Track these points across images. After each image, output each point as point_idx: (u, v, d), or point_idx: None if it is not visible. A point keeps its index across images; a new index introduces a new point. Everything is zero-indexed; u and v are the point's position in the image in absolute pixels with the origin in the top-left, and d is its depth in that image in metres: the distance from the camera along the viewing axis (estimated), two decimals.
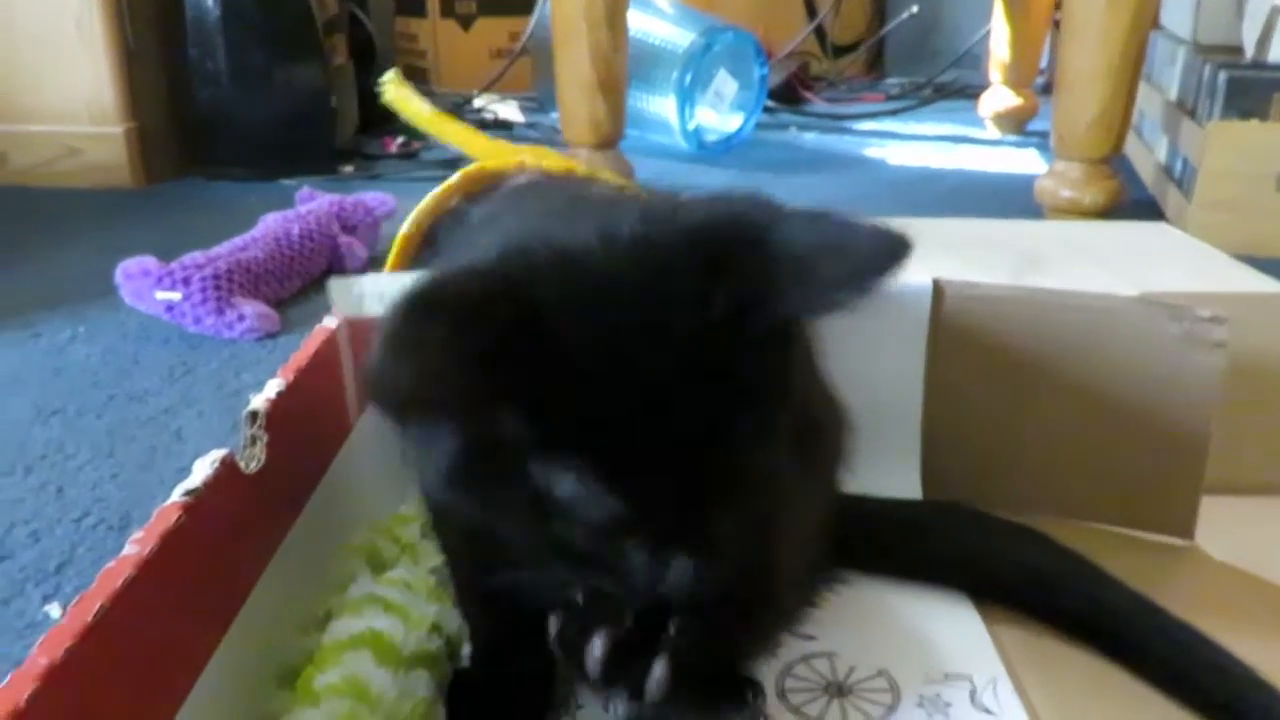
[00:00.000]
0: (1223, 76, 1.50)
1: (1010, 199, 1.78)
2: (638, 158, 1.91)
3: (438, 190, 0.60)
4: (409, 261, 0.82)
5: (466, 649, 0.63)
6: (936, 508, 0.80)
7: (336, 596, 0.62)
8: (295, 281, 1.34)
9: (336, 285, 0.71)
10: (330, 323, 0.71)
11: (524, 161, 0.49)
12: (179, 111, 2.04)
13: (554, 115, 2.05)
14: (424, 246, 0.73)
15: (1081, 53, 1.55)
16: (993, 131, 2.45)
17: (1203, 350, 0.76)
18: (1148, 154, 1.91)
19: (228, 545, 0.52)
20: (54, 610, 0.73)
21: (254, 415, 0.56)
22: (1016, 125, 2.41)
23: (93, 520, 0.84)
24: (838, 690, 0.65)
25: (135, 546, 0.44)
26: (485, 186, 0.76)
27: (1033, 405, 0.82)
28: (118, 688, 0.41)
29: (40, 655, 0.37)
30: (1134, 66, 1.53)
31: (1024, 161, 2.16)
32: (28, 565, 0.78)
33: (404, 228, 0.67)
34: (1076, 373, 0.80)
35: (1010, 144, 2.35)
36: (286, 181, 2.01)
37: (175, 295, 1.19)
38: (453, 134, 0.47)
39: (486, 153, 0.47)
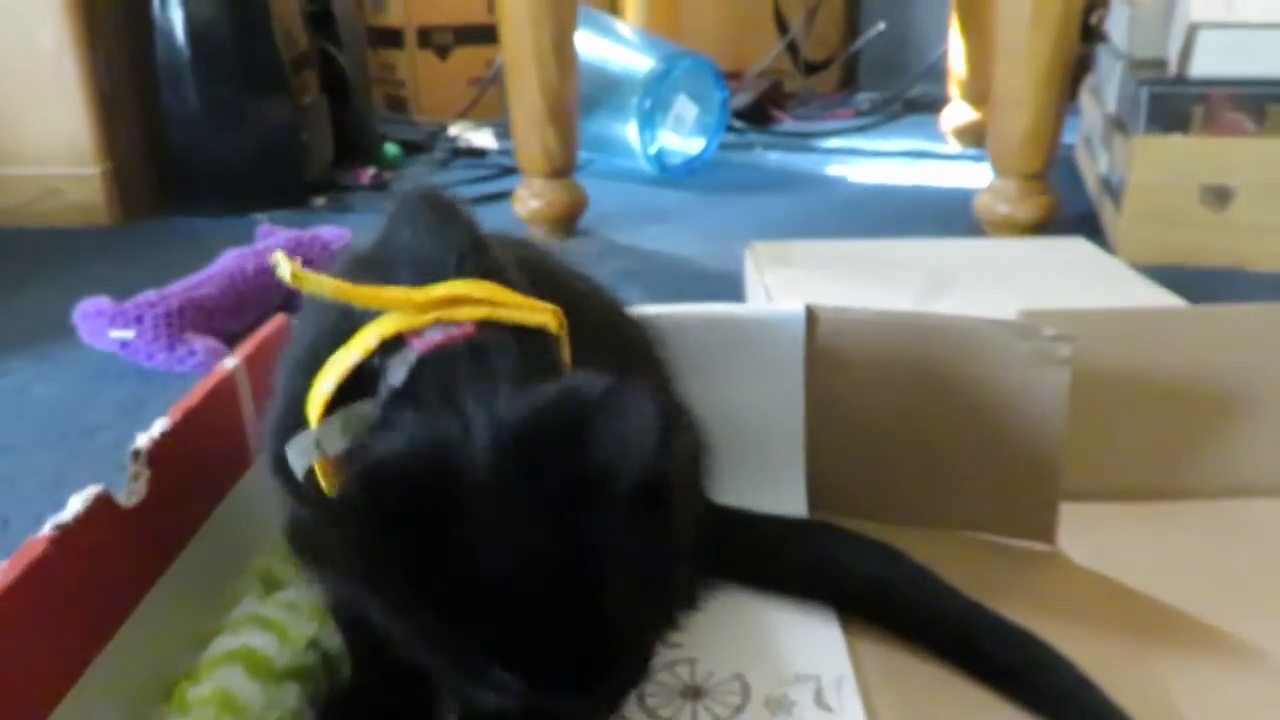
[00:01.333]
0: (1145, 92, 1.55)
1: (957, 214, 1.83)
2: (602, 181, 1.98)
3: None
4: None
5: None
6: (802, 524, 0.85)
7: (224, 616, 0.67)
8: (249, 315, 1.40)
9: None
10: (229, 364, 0.77)
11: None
12: (154, 151, 2.12)
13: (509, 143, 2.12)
14: None
15: (1011, 72, 1.61)
16: (953, 146, 2.50)
17: (1051, 366, 0.81)
18: (1093, 167, 1.96)
19: (102, 573, 0.58)
20: None
21: (136, 453, 0.62)
22: (977, 139, 2.46)
23: None
24: (694, 694, 0.70)
25: None
26: None
27: (905, 422, 0.88)
28: None
29: None
30: (1060, 84, 1.58)
31: (979, 176, 2.20)
32: None
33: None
34: (941, 390, 0.86)
35: (969, 158, 2.40)
36: (259, 215, 2.08)
37: (129, 333, 1.26)
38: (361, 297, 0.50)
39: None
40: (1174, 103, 1.54)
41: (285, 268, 0.53)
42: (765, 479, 0.88)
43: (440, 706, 0.67)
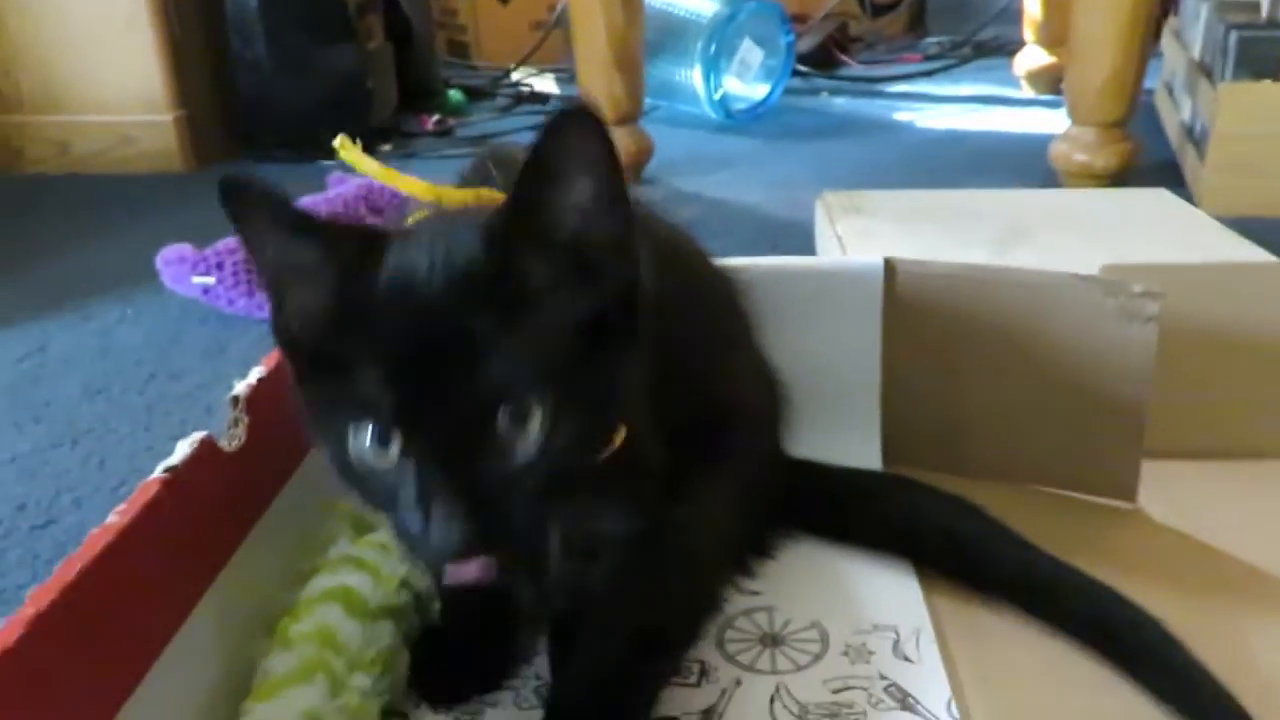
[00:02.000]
0: (1235, 37, 1.49)
1: (1031, 163, 1.79)
2: (667, 128, 1.97)
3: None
4: None
5: (438, 606, 0.71)
6: (879, 477, 0.85)
7: (320, 556, 0.70)
8: None
9: None
10: None
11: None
12: (224, 99, 2.15)
13: (574, 90, 2.11)
14: None
15: (1092, 17, 1.56)
16: (1026, 91, 2.44)
17: (1137, 324, 0.80)
18: (1174, 114, 1.90)
19: (208, 514, 0.60)
20: None
21: (236, 400, 0.64)
22: (1050, 84, 2.39)
23: (128, 489, 0.93)
24: (772, 640, 0.71)
25: (116, 516, 0.52)
26: None
27: (983, 377, 0.87)
28: (98, 636, 0.49)
29: (29, 606, 0.45)
30: (1144, 30, 1.53)
31: (1053, 122, 2.15)
32: (70, 529, 0.88)
33: None
34: (1022, 345, 0.85)
35: (1043, 104, 2.34)
36: (325, 162, 2.10)
37: (210, 279, 1.29)
38: (404, 184, 0.55)
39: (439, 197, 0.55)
40: (1265, 47, 1.49)
41: (337, 141, 0.64)
42: (840, 432, 0.88)
43: (522, 644, 0.70)
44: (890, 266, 0.87)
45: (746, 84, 2.31)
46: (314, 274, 0.47)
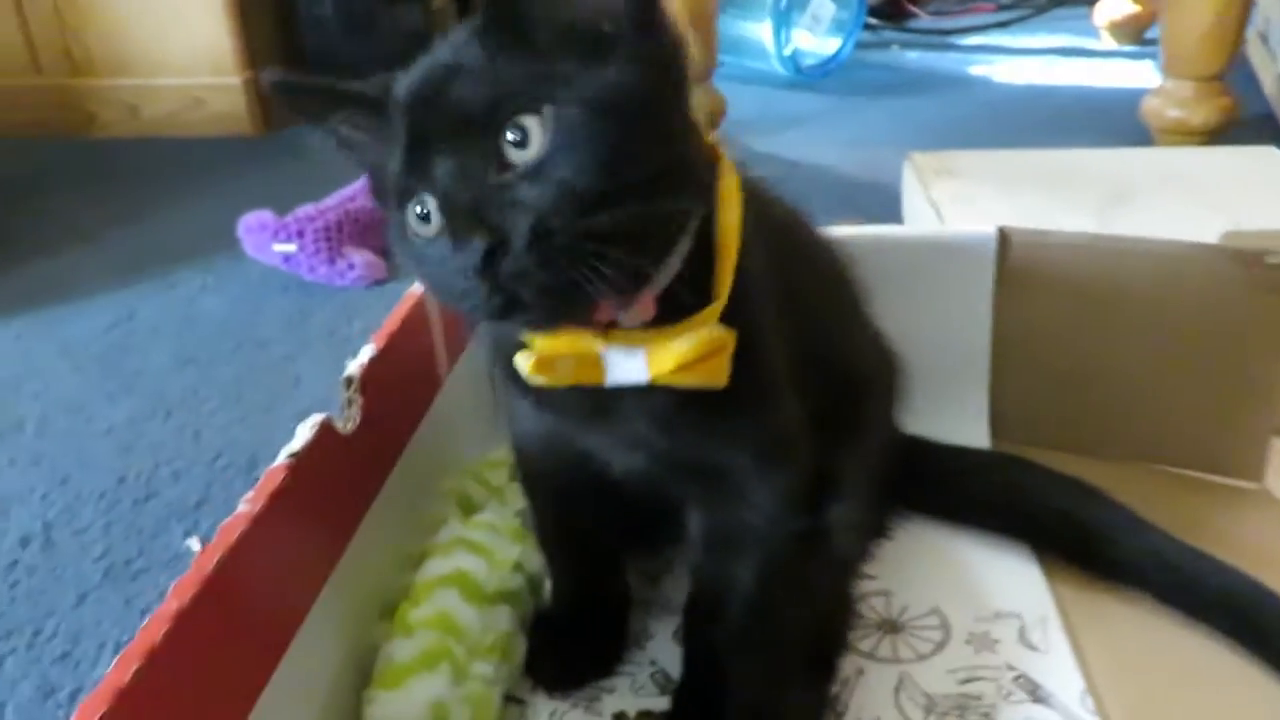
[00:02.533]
0: None
1: (1118, 118, 1.72)
2: (734, 85, 1.92)
3: None
4: None
5: (548, 586, 0.70)
6: (995, 457, 0.82)
7: (430, 538, 0.69)
8: None
9: None
10: (418, 288, 0.77)
11: None
12: (291, 60, 2.14)
13: None
14: None
15: None
16: (1108, 42, 2.34)
17: (1272, 295, 0.76)
18: (1271, 64, 1.81)
19: (329, 498, 0.59)
20: (194, 544, 0.82)
21: (349, 380, 0.63)
22: (1133, 35, 2.30)
23: (224, 462, 0.94)
24: (891, 627, 0.69)
25: (247, 505, 0.51)
26: None
27: (1101, 351, 0.83)
28: (237, 625, 0.49)
29: (172, 600, 0.44)
30: None
31: (1138, 75, 2.07)
32: (171, 502, 0.89)
33: None
34: (1145, 319, 0.81)
35: (1125, 56, 2.25)
36: None
37: (291, 247, 1.28)
38: None
39: None
40: None
41: None
42: (947, 408, 0.85)
43: (631, 626, 0.69)
44: (1004, 236, 0.83)
45: (817, 38, 2.25)
46: (363, 123, 0.49)
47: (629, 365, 0.48)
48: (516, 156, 0.42)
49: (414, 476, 0.70)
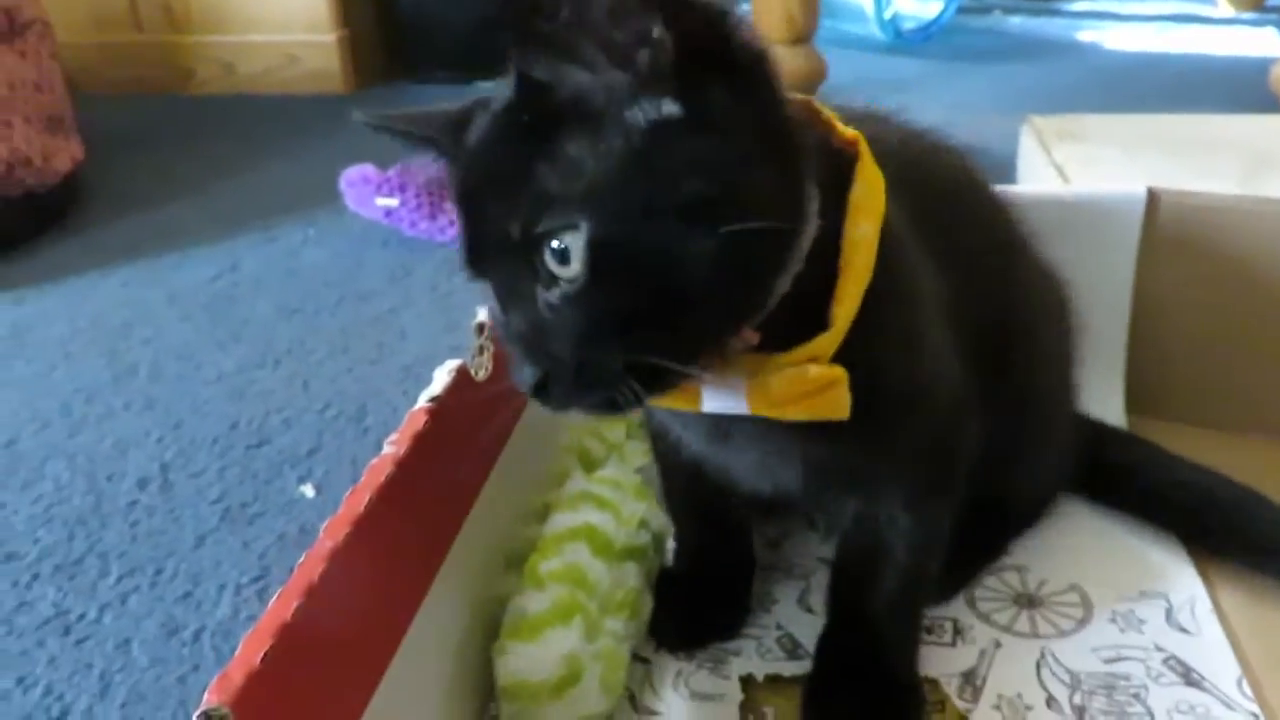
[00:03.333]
0: None
1: (1243, 86, 1.64)
2: (832, 49, 1.86)
3: None
4: None
5: (670, 544, 0.69)
6: (1132, 438, 0.78)
7: (554, 491, 0.68)
8: None
9: None
10: None
11: None
12: (384, 19, 2.14)
13: (745, 7, 2.02)
14: None
15: None
16: (1225, 9, 2.24)
17: None
18: None
19: (464, 445, 0.58)
20: (309, 490, 0.83)
21: (481, 326, 0.61)
22: (1254, 1, 2.19)
23: (334, 411, 0.94)
24: (1028, 601, 0.66)
25: (392, 447, 0.50)
26: None
27: (1249, 321, 0.79)
28: (384, 566, 0.48)
29: (326, 538, 0.43)
30: None
31: (1260, 43, 1.97)
32: (283, 449, 0.89)
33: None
34: None
35: (1245, 23, 2.15)
36: (483, 83, 2.08)
37: (393, 201, 1.28)
38: None
39: None
40: None
41: None
42: (1082, 372, 0.81)
43: (755, 589, 0.67)
44: (1153, 197, 0.79)
45: (918, 2, 2.18)
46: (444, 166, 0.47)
47: (726, 396, 0.44)
48: (560, 271, 0.39)
49: (537, 428, 0.69)
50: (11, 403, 0.99)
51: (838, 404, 0.44)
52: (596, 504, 0.65)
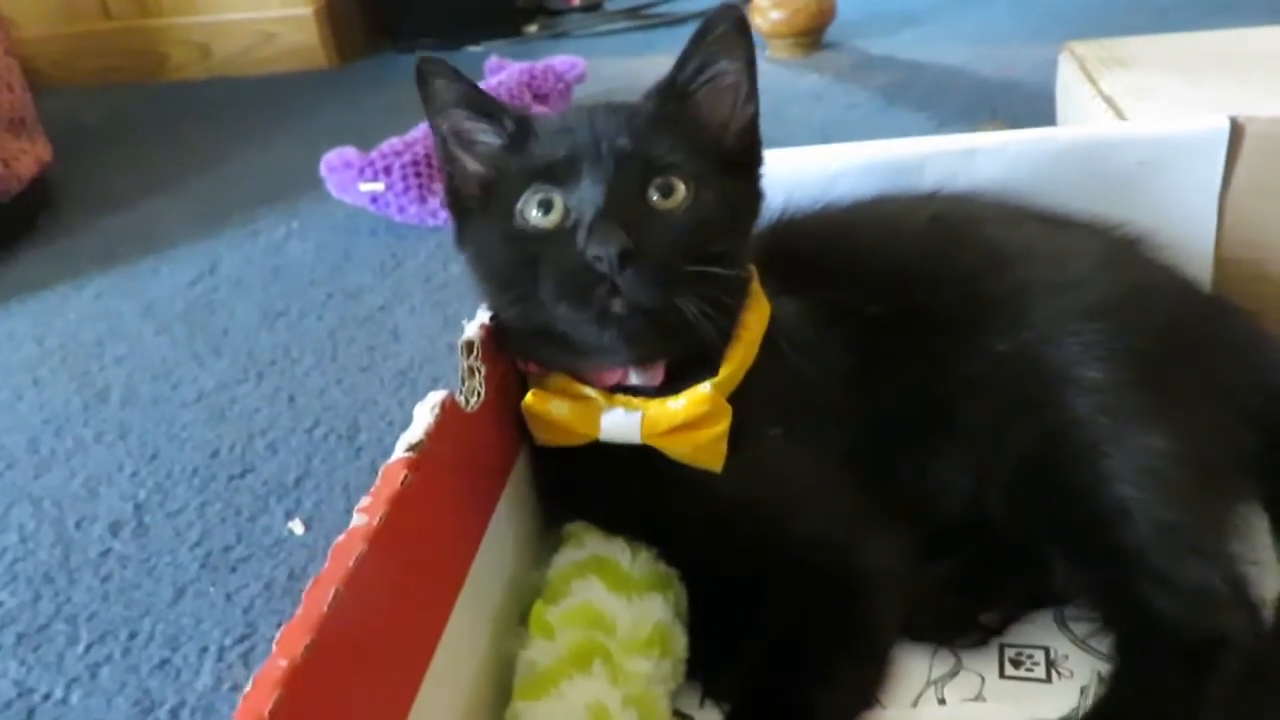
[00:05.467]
0: None
1: None
2: None
3: None
4: None
5: None
6: None
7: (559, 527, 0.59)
8: None
9: None
10: None
11: None
12: None
13: None
14: None
15: None
16: None
17: None
18: None
19: (456, 493, 0.49)
20: (297, 526, 0.74)
21: (470, 346, 0.52)
22: None
23: (323, 430, 0.85)
24: None
25: (364, 516, 0.41)
26: None
27: None
28: (360, 671, 0.39)
29: (280, 656, 0.34)
30: None
31: None
32: (269, 479, 0.80)
33: None
34: None
35: None
36: (473, 48, 1.97)
37: (379, 186, 1.18)
38: None
39: None
40: None
41: None
42: None
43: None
44: (1237, 129, 0.68)
45: None
46: (487, 141, 0.56)
47: (625, 424, 0.53)
48: (658, 202, 0.52)
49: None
50: None
51: (715, 450, 0.53)
52: (603, 534, 0.56)
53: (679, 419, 0.52)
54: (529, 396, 0.53)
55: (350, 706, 0.38)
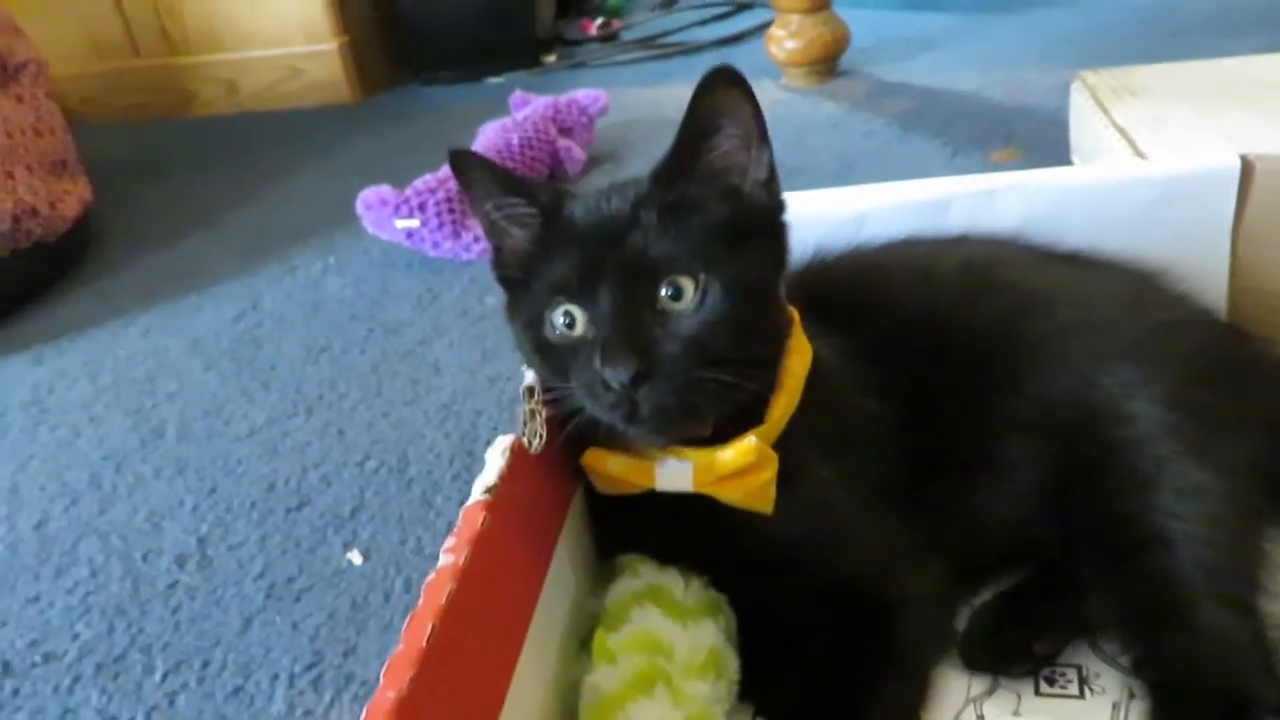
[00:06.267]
0: None
1: None
2: (851, 12, 1.78)
3: None
4: None
5: None
6: None
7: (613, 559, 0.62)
8: None
9: None
10: None
11: None
12: (385, 22, 2.07)
13: None
14: None
15: None
16: None
17: None
18: None
19: (526, 530, 0.52)
20: (356, 557, 0.78)
21: (531, 391, 0.55)
22: None
23: (374, 463, 0.89)
24: None
25: (450, 556, 0.44)
26: None
27: None
28: (454, 699, 0.42)
29: (388, 688, 0.38)
30: None
31: None
32: (325, 511, 0.84)
33: None
34: None
35: None
36: (493, 80, 2.01)
37: (414, 222, 1.22)
38: None
39: None
40: None
41: None
42: None
43: None
44: (1248, 166, 0.72)
45: None
46: (524, 218, 0.58)
47: (678, 474, 0.56)
48: (668, 306, 0.54)
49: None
50: (40, 477, 0.95)
51: (764, 493, 0.55)
52: (656, 565, 0.59)
53: (729, 469, 0.54)
54: (587, 454, 0.57)
55: None
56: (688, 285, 0.53)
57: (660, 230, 0.54)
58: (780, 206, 0.59)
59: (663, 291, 0.53)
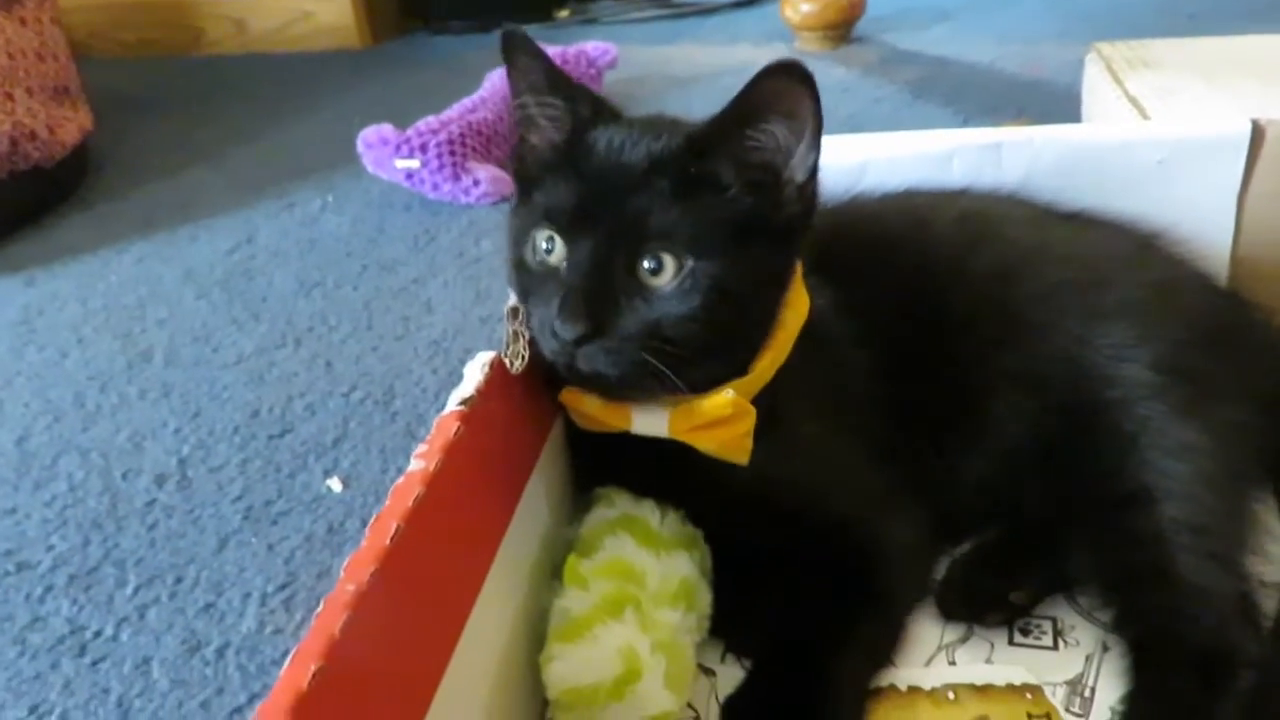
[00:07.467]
0: None
1: None
2: None
3: None
4: None
5: None
6: None
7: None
8: None
9: None
10: None
11: None
12: None
13: None
14: None
15: None
16: None
17: None
18: None
19: (501, 448, 0.52)
20: (335, 484, 0.77)
21: (515, 311, 0.54)
22: None
23: (360, 394, 0.88)
24: None
25: (421, 461, 0.44)
26: None
27: None
28: (418, 598, 0.42)
29: (347, 581, 0.37)
30: None
31: None
32: (307, 439, 0.83)
33: None
34: None
35: None
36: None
37: (414, 163, 1.21)
38: None
39: None
40: None
41: None
42: None
43: None
44: (1258, 130, 0.70)
45: None
46: (555, 119, 0.56)
47: (654, 418, 0.54)
48: (645, 277, 0.51)
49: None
50: (24, 394, 0.94)
51: (741, 445, 0.54)
52: (632, 496, 0.59)
53: (704, 419, 0.53)
54: (564, 392, 0.55)
55: (405, 632, 0.41)
56: (670, 265, 0.51)
57: (668, 200, 0.51)
58: (810, 212, 0.55)
59: (645, 263, 0.51)
